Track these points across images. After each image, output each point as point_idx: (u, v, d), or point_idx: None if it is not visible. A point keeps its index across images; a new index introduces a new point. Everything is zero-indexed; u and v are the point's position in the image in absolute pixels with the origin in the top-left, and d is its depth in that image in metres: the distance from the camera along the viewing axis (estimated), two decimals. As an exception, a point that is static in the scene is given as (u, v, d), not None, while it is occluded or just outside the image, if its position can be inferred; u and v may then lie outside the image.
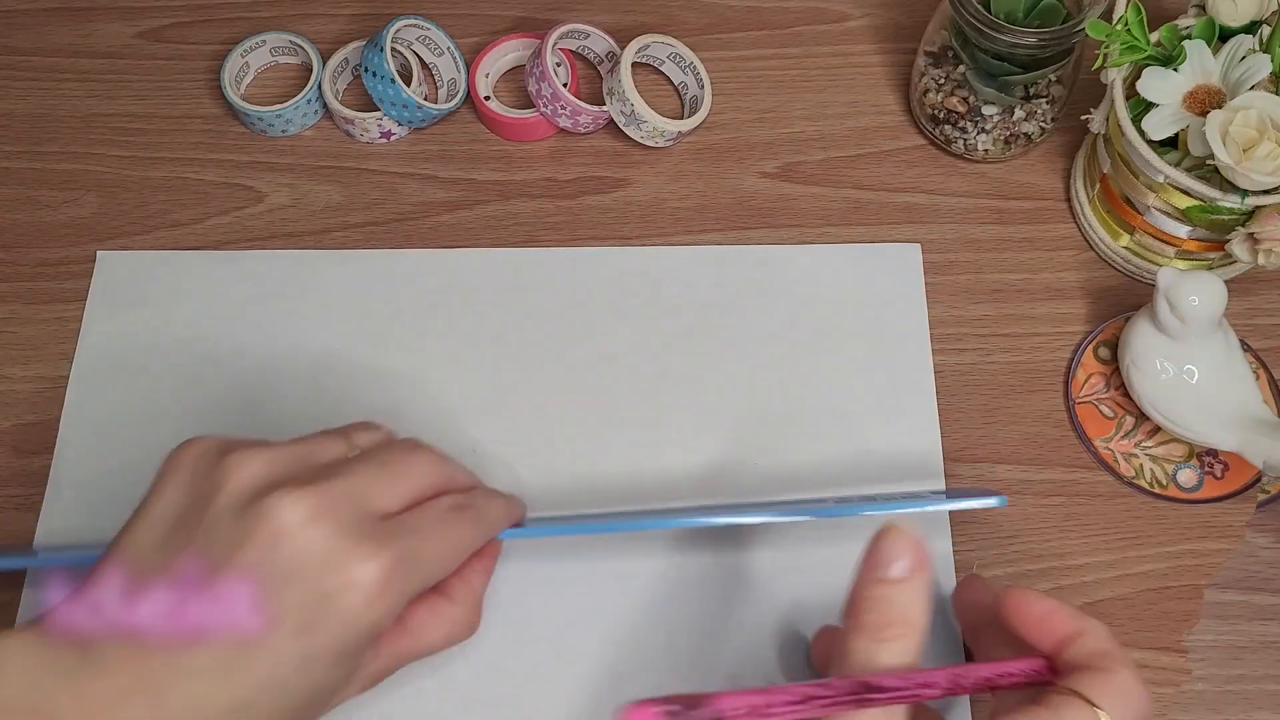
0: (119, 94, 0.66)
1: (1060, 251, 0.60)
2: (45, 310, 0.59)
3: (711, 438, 0.55)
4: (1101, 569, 0.53)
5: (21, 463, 0.56)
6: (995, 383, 0.57)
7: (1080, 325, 0.58)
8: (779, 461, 0.55)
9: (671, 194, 0.62)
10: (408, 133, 0.64)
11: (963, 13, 0.55)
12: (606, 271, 0.59)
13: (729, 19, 0.67)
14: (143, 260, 0.60)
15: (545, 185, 0.62)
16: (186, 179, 0.63)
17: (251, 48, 0.65)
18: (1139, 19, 0.53)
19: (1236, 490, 0.54)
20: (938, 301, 0.59)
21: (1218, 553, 0.53)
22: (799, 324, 0.58)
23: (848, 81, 0.65)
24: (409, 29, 0.63)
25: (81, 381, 0.57)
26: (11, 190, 0.63)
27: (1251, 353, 0.57)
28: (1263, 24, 0.54)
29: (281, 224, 0.61)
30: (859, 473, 0.54)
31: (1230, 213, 0.52)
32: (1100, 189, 0.58)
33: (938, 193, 0.62)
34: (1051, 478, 0.55)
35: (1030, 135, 0.61)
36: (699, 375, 0.57)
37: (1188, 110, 0.53)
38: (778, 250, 0.60)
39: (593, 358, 0.57)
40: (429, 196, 0.62)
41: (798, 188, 0.62)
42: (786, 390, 0.56)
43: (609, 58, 0.65)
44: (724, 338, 0.58)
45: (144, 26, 0.68)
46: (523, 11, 0.68)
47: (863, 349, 0.57)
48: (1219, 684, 0.50)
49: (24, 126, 0.65)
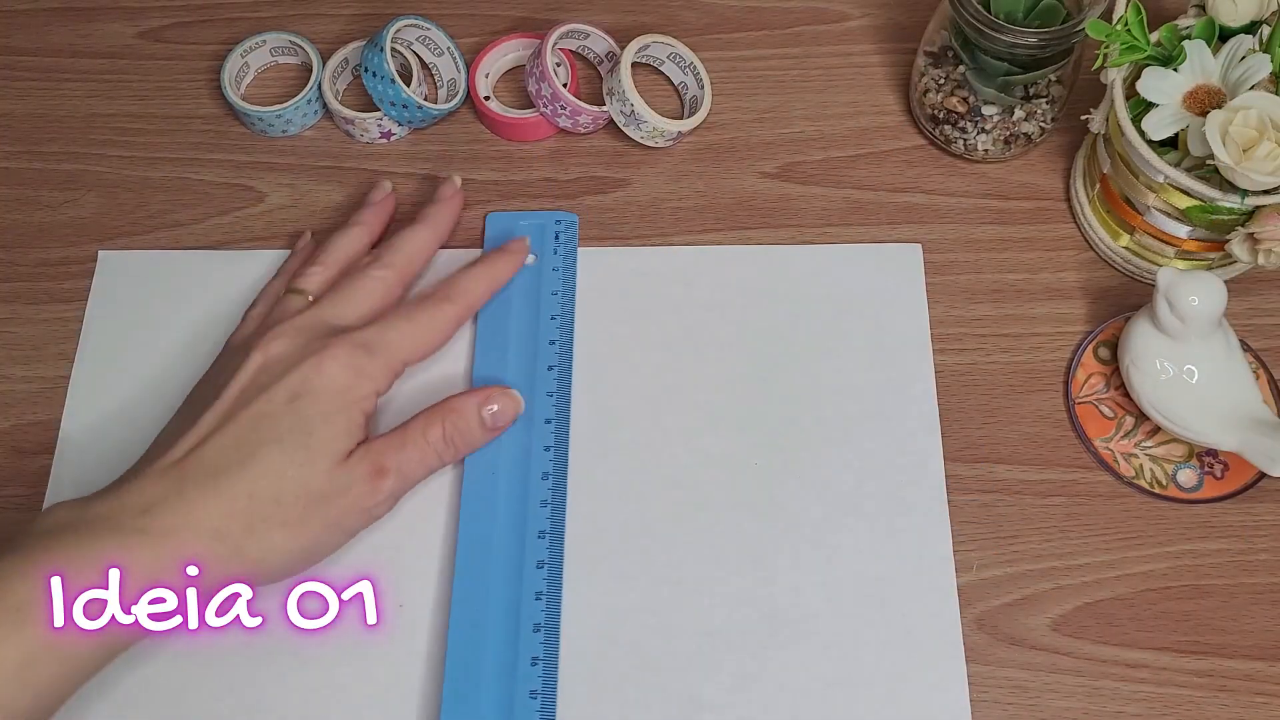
0: (119, 94, 0.66)
1: (1060, 251, 0.60)
2: (45, 310, 0.59)
3: (710, 438, 0.55)
4: (1101, 569, 0.53)
5: (22, 463, 0.56)
6: (995, 383, 0.57)
7: (1080, 325, 0.58)
8: (778, 462, 0.55)
9: (671, 194, 0.62)
10: (408, 133, 0.64)
11: (963, 13, 0.55)
12: (604, 271, 0.59)
13: (729, 19, 0.67)
14: (144, 260, 0.60)
15: (545, 185, 0.62)
16: (187, 179, 0.63)
17: (251, 48, 0.65)
18: (1139, 19, 0.53)
19: (1236, 490, 0.54)
20: (938, 301, 0.59)
21: (1218, 553, 0.53)
22: (799, 324, 0.58)
23: (848, 81, 0.65)
24: (409, 29, 0.63)
25: (83, 381, 0.57)
26: (12, 190, 0.63)
27: (1251, 353, 0.57)
28: (1263, 24, 0.54)
29: (282, 224, 0.61)
30: (859, 474, 0.54)
31: (1230, 213, 0.52)
32: (1100, 189, 0.58)
33: (938, 193, 0.62)
34: (1051, 478, 0.55)
35: (1030, 135, 0.61)
36: (696, 375, 0.57)
37: (1188, 110, 0.53)
38: (778, 251, 0.60)
39: (590, 357, 0.57)
40: (429, 196, 0.62)
41: (798, 188, 0.62)
42: (786, 390, 0.56)
43: (609, 58, 0.65)
44: (723, 338, 0.58)
45: (144, 26, 0.68)
46: (523, 11, 0.68)
47: (863, 350, 0.57)
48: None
49: (24, 126, 0.65)
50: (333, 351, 0.49)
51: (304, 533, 0.48)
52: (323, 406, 0.48)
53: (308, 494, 0.47)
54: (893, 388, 0.56)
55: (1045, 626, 0.52)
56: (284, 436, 0.47)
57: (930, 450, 0.55)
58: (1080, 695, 0.50)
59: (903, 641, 0.51)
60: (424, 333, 0.52)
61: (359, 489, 0.49)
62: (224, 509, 0.46)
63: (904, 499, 0.54)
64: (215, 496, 0.46)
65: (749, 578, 0.52)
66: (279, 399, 0.48)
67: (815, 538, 0.53)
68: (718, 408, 0.56)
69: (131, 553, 0.44)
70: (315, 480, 0.47)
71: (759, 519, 0.53)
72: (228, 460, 0.47)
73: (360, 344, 0.50)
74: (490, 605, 0.51)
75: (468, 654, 0.49)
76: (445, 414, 0.51)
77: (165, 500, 0.46)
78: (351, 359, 0.49)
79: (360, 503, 0.49)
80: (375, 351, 0.50)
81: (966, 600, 0.52)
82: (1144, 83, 0.53)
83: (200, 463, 0.47)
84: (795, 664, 0.51)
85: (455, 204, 0.58)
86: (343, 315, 0.52)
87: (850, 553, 0.53)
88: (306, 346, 0.49)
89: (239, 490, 0.46)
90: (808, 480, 0.54)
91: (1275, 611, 0.52)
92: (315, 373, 0.48)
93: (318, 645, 0.50)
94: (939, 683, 0.50)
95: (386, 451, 0.50)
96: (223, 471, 0.46)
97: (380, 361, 0.50)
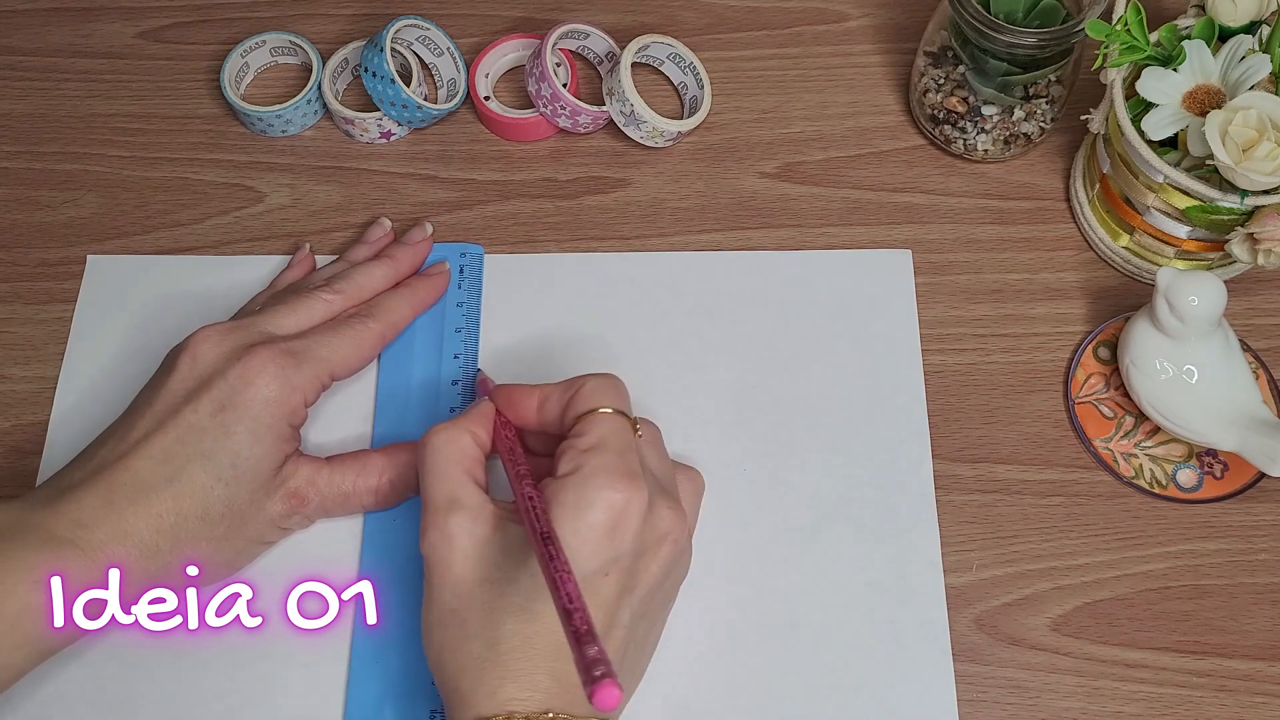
0: (119, 94, 0.66)
1: (1060, 251, 0.60)
2: (45, 310, 0.59)
3: (700, 443, 0.55)
4: (1101, 569, 0.53)
5: (22, 463, 0.56)
6: (995, 383, 0.57)
7: (1080, 325, 0.58)
8: (767, 467, 0.55)
9: (671, 194, 0.62)
10: (408, 133, 0.64)
11: (962, 13, 0.55)
12: (596, 276, 0.59)
13: (729, 19, 0.67)
14: (132, 265, 0.60)
15: (545, 185, 0.62)
16: (186, 179, 0.63)
17: (251, 48, 0.65)
18: (1139, 19, 0.53)
19: (1236, 490, 0.54)
20: (937, 302, 0.59)
21: (1217, 553, 0.53)
22: (789, 331, 0.58)
23: (847, 81, 0.65)
24: (409, 29, 0.63)
25: (69, 385, 0.57)
26: (11, 190, 0.63)
27: (1251, 353, 0.57)
28: (1262, 24, 0.54)
29: (281, 224, 0.61)
30: (848, 480, 0.54)
31: (1230, 213, 0.52)
32: (1100, 189, 0.58)
33: (937, 193, 0.62)
34: (1051, 478, 0.55)
35: (1030, 135, 0.61)
36: (687, 380, 0.57)
37: (1187, 110, 0.53)
38: (768, 256, 0.60)
39: (583, 362, 0.57)
40: (429, 196, 0.62)
41: (797, 188, 0.62)
42: (775, 397, 0.56)
43: (609, 58, 0.65)
44: (714, 343, 0.57)
45: (144, 26, 0.68)
46: (523, 11, 0.68)
47: (853, 356, 0.57)
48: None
49: (24, 126, 0.65)
50: (259, 357, 0.49)
51: (228, 546, 0.49)
52: (249, 424, 0.48)
53: (232, 511, 0.48)
54: (882, 394, 0.56)
55: (1044, 626, 0.52)
56: (211, 452, 0.47)
57: (920, 456, 0.55)
58: (1079, 695, 0.50)
59: (891, 646, 0.51)
60: (349, 346, 0.52)
61: (280, 508, 0.50)
62: (152, 525, 0.46)
63: (893, 505, 0.54)
64: (145, 512, 0.46)
65: (738, 583, 0.52)
66: (205, 410, 0.48)
67: (804, 543, 0.53)
68: (707, 414, 0.56)
69: (66, 564, 0.45)
70: (240, 498, 0.48)
71: (748, 524, 0.53)
72: (156, 475, 0.47)
73: (287, 351, 0.50)
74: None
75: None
76: (391, 457, 0.52)
77: (96, 513, 0.46)
78: (279, 367, 0.49)
79: (280, 522, 0.50)
80: (302, 361, 0.50)
81: (966, 600, 0.52)
82: (1144, 83, 0.53)
83: (131, 474, 0.47)
84: (784, 669, 0.51)
85: (422, 250, 0.58)
86: (279, 326, 0.51)
87: (839, 558, 0.53)
88: (233, 350, 0.49)
89: (166, 507, 0.47)
90: (797, 486, 0.54)
91: (1275, 611, 0.52)
92: (243, 384, 0.48)
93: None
94: (928, 686, 0.50)
95: (315, 479, 0.50)
96: (152, 488, 0.47)
97: (307, 371, 0.50)
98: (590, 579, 0.42)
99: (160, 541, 0.47)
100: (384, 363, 0.57)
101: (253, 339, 0.50)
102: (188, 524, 0.47)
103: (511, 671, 0.41)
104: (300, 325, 0.52)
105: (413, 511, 0.52)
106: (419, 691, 0.49)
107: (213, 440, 0.47)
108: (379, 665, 0.50)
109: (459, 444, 0.46)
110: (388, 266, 0.56)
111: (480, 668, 0.42)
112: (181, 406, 0.48)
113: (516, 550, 0.44)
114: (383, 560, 0.52)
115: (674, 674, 0.50)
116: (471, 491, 0.45)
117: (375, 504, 0.52)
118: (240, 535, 0.49)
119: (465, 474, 0.46)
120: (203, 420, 0.48)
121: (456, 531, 0.44)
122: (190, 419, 0.48)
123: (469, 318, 0.58)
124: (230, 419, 0.48)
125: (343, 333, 0.52)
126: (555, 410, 0.47)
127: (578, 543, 0.42)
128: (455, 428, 0.47)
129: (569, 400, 0.47)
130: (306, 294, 0.53)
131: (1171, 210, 0.54)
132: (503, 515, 0.45)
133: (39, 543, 0.45)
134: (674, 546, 0.45)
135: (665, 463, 0.48)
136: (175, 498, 0.47)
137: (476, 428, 0.47)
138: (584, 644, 0.35)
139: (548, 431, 0.48)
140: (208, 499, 0.47)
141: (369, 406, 0.56)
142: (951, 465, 0.55)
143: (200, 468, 0.47)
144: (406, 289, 0.56)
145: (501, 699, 0.41)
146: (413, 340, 0.57)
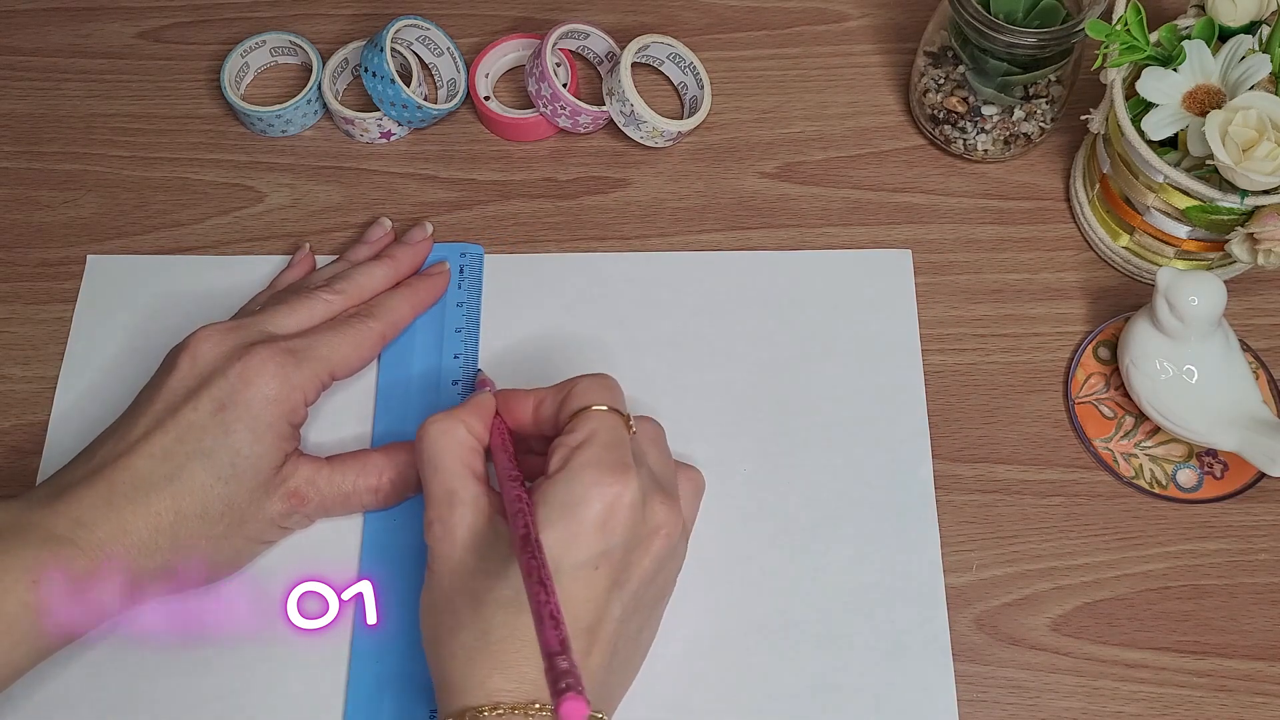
0: (119, 94, 0.66)
1: (1060, 251, 0.60)
2: (45, 310, 0.59)
3: (699, 443, 0.55)
4: (1101, 569, 0.53)
5: (22, 463, 0.56)
6: (995, 383, 0.57)
7: (1080, 325, 0.58)
8: (766, 467, 0.55)
9: (671, 194, 0.62)
10: (408, 133, 0.64)
11: (962, 13, 0.55)
12: (596, 276, 0.59)
13: (729, 19, 0.67)
14: (131, 265, 0.60)
15: (545, 185, 0.62)
16: (186, 179, 0.63)
17: (251, 48, 0.65)
18: (1139, 19, 0.53)
19: (1236, 490, 0.54)
20: (937, 302, 0.59)
21: (1217, 553, 0.53)
22: (789, 331, 0.58)
23: (847, 81, 0.65)
24: (409, 29, 0.63)
25: (69, 385, 0.57)
26: (11, 190, 0.63)
27: (1251, 353, 0.57)
28: (1262, 24, 0.54)
29: (281, 224, 0.61)
30: (848, 480, 0.54)
31: (1230, 213, 0.52)
32: (1100, 189, 0.58)
33: (937, 193, 0.62)
34: (1051, 478, 0.55)
35: (1030, 135, 0.61)
36: (687, 380, 0.57)
37: (1187, 110, 0.53)
38: (768, 256, 0.60)
39: (582, 362, 0.57)
40: (429, 196, 0.62)
41: (797, 188, 0.62)
42: (775, 397, 0.56)
43: (609, 58, 0.65)
44: (714, 343, 0.57)
45: (144, 26, 0.68)
46: (523, 11, 0.68)
47: (853, 356, 0.57)
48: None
49: (24, 126, 0.65)
50: (259, 356, 0.49)
51: (227, 545, 0.49)
52: (249, 422, 0.48)
53: (232, 510, 0.48)
54: (882, 394, 0.56)
55: (1044, 626, 0.52)
56: (211, 450, 0.47)
57: (919, 456, 0.55)
58: (1079, 695, 0.50)
59: (891, 646, 0.51)
60: (350, 346, 0.52)
61: (280, 507, 0.49)
62: (151, 524, 0.46)
63: (893, 504, 0.54)
64: (144, 511, 0.46)
65: (737, 582, 0.52)
66: (205, 408, 0.48)
67: (804, 543, 0.53)
68: (707, 414, 0.56)
69: (65, 562, 0.45)
70: (240, 497, 0.48)
71: (748, 524, 0.53)
72: (155, 474, 0.47)
73: (287, 350, 0.50)
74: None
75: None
76: (390, 457, 0.52)
77: (95, 512, 0.46)
78: (279, 366, 0.49)
79: (280, 522, 0.50)
80: (302, 360, 0.50)
81: (966, 600, 0.52)
82: (1144, 83, 0.53)
83: (130, 473, 0.47)
84: (784, 668, 0.51)
85: (422, 250, 0.58)
86: (279, 326, 0.52)
87: (839, 558, 0.53)
88: (233, 350, 0.49)
89: (165, 506, 0.47)
90: (797, 486, 0.54)
91: (1275, 611, 0.52)
92: (243, 383, 0.48)
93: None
94: (928, 686, 0.50)
95: (316, 479, 0.50)
96: (151, 486, 0.47)
97: (308, 370, 0.50)
98: (580, 571, 0.42)
99: (159, 540, 0.47)
100: (384, 362, 0.57)
101: (253, 338, 0.50)
102: (187, 523, 0.47)
103: (500, 663, 0.42)
104: (300, 325, 0.52)
105: (413, 511, 0.52)
106: (419, 691, 0.49)
107: (213, 439, 0.47)
108: (379, 665, 0.50)
109: (454, 435, 0.46)
110: (388, 266, 0.56)
111: (470, 657, 0.42)
112: (181, 405, 0.48)
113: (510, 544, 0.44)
114: (383, 560, 0.52)
115: (673, 673, 0.50)
116: (468, 483, 0.45)
117: (375, 503, 0.52)
118: (240, 534, 0.49)
119: (463, 466, 0.46)
120: (203, 419, 0.48)
121: (458, 523, 0.44)
122: (190, 417, 0.48)
123: (469, 318, 0.58)
124: (230, 417, 0.48)
125: (343, 332, 0.52)
126: (550, 412, 0.48)
127: (567, 536, 0.42)
128: (450, 419, 0.47)
129: (562, 400, 0.47)
130: (307, 294, 0.53)
131: (1171, 210, 0.54)
132: (499, 507, 0.45)
133: (38, 541, 0.45)
134: (666, 541, 0.45)
135: (666, 460, 0.48)
136: (175, 496, 0.47)
137: (471, 419, 0.47)
138: (555, 655, 0.35)
139: (545, 434, 0.48)
140: (207, 498, 0.47)
141: (369, 406, 0.56)
142: (951, 465, 0.55)
143: (200, 466, 0.47)
144: (407, 289, 0.56)
145: (490, 689, 0.41)
146: (413, 340, 0.57)
